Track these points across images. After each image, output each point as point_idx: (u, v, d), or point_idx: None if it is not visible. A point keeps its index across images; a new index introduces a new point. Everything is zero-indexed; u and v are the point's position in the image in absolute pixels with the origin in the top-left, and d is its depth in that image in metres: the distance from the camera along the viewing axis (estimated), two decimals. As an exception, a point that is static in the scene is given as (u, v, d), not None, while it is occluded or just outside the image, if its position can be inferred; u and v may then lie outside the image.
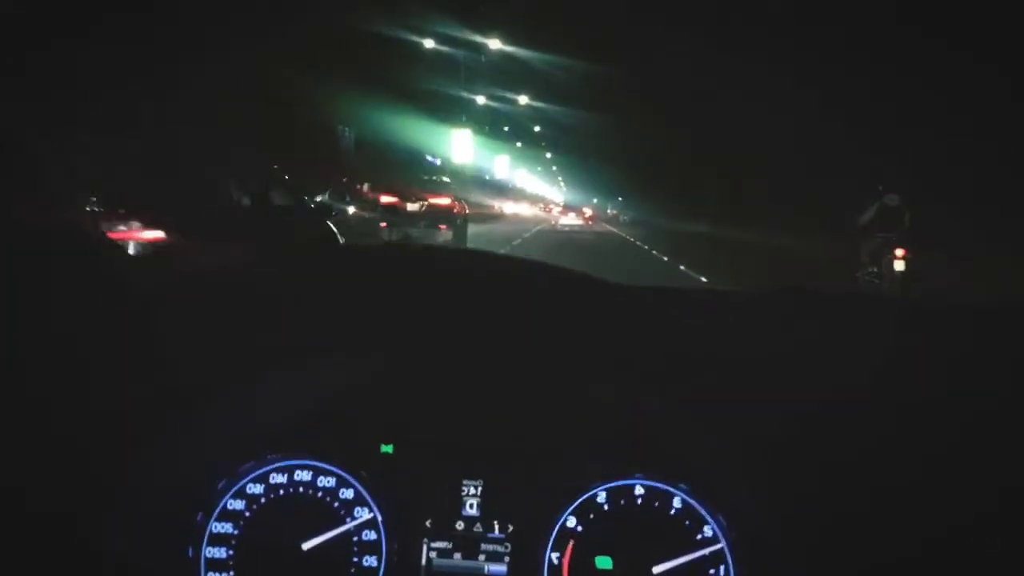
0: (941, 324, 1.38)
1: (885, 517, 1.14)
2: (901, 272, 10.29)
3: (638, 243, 27.42)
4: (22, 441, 1.09)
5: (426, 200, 18.14)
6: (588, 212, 44.82)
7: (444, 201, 18.92)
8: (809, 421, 1.16)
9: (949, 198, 14.01)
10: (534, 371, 1.24)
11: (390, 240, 12.39)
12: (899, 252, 10.33)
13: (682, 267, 15.71)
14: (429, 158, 35.81)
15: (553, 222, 39.41)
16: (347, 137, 27.57)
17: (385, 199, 16.58)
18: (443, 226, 17.38)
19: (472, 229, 20.08)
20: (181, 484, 1.22)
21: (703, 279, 13.85)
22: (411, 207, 17.40)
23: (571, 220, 38.64)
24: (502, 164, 65.04)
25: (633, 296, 1.31)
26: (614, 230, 38.65)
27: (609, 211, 67.16)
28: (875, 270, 10.77)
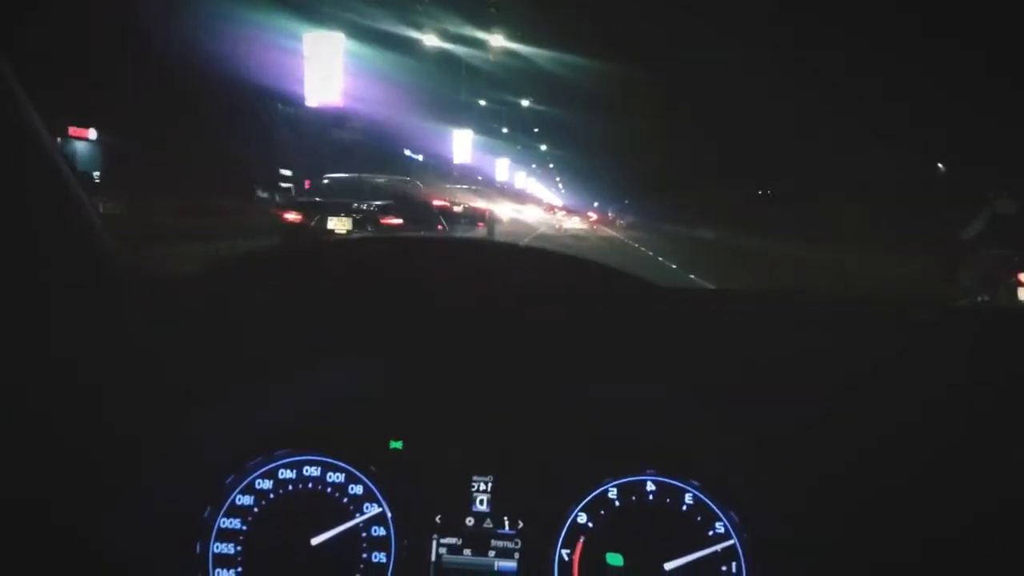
0: (950, 329, 1.37)
1: (896, 514, 1.13)
2: (1028, 301, 7.45)
3: (650, 252, 24.69)
4: (29, 438, 1.09)
5: (466, 204, 23.58)
6: (593, 216, 44.00)
7: (481, 205, 25.62)
8: (820, 419, 1.16)
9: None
10: (544, 367, 1.23)
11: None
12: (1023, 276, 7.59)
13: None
14: (408, 152, 36.30)
15: (557, 226, 38.97)
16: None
17: (437, 202, 17.86)
18: (480, 224, 22.49)
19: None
20: (189, 480, 1.21)
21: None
22: (456, 209, 21.23)
23: (575, 224, 38.19)
24: (502, 167, 65.15)
25: (646, 293, 1.31)
26: (620, 236, 38.11)
27: (610, 214, 67.14)
28: (986, 298, 7.92)
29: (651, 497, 1.23)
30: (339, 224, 12.68)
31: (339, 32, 26.23)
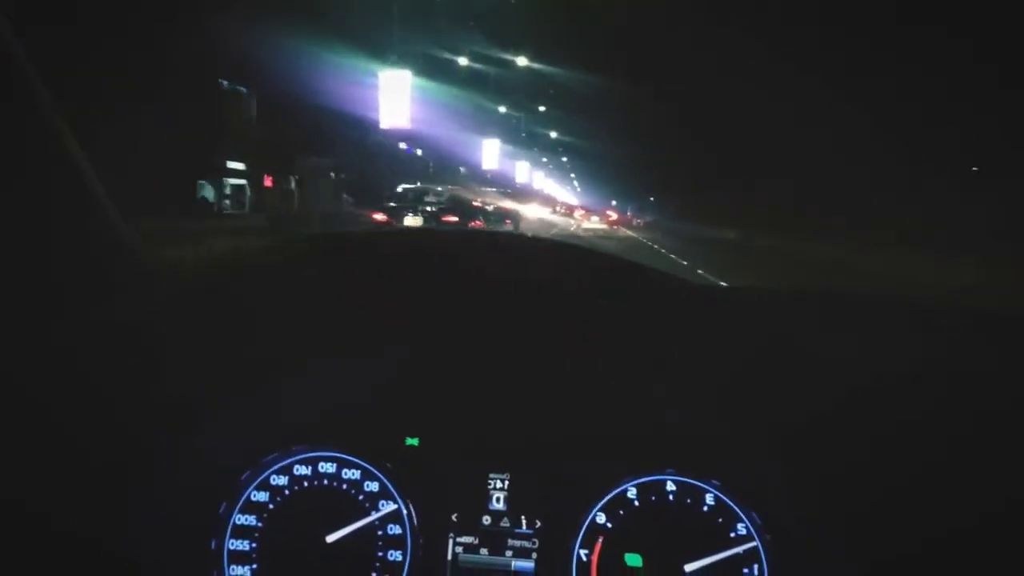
0: (966, 327, 1.35)
1: (919, 514, 1.11)
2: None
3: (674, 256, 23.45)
4: (44, 435, 1.09)
5: (496, 204, 29.15)
6: (613, 216, 43.67)
7: (508, 205, 31.50)
8: (841, 419, 1.13)
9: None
10: (562, 364, 1.21)
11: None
12: None
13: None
14: (403, 145, 38.80)
15: (574, 226, 38.78)
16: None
17: (475, 203, 22.54)
18: (508, 221, 26.71)
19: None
20: (205, 476, 1.20)
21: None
22: (488, 208, 26.48)
23: (594, 224, 37.96)
24: (523, 170, 65.71)
25: (664, 289, 1.29)
26: (641, 237, 37.65)
27: (628, 213, 66.87)
28: None
29: (671, 497, 1.21)
30: (413, 221, 17.12)
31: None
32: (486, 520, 1.22)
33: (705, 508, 1.20)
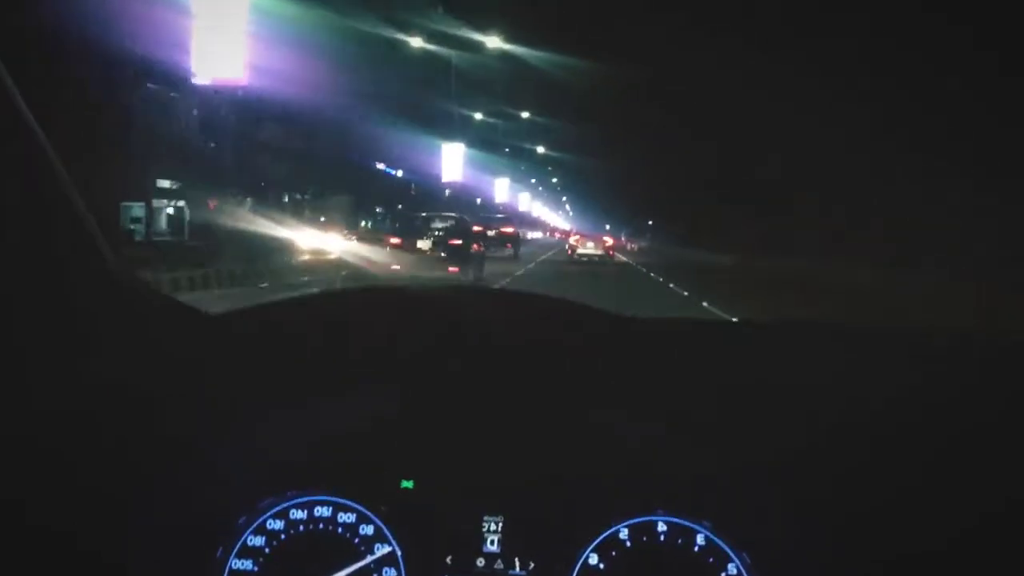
0: (964, 360, 1.36)
1: (914, 552, 1.12)
2: None
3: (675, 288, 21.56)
4: (32, 478, 1.09)
5: (498, 229, 33.33)
6: (608, 240, 43.41)
7: (509, 229, 35.92)
8: (834, 457, 1.14)
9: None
10: (554, 407, 1.23)
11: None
12: None
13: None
14: (382, 166, 38.43)
15: (569, 251, 38.78)
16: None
17: (476, 228, 23.23)
18: (508, 245, 30.52)
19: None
20: (202, 520, 1.22)
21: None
22: (490, 233, 28.94)
23: (590, 250, 37.83)
24: (522, 198, 66.19)
25: (651, 329, 1.31)
26: (636, 264, 37.58)
27: (622, 238, 67.08)
28: None
29: (663, 538, 1.22)
30: (424, 244, 19.01)
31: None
32: (480, 562, 1.23)
33: (696, 548, 1.21)
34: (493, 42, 40.13)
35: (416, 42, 35.54)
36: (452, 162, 47.29)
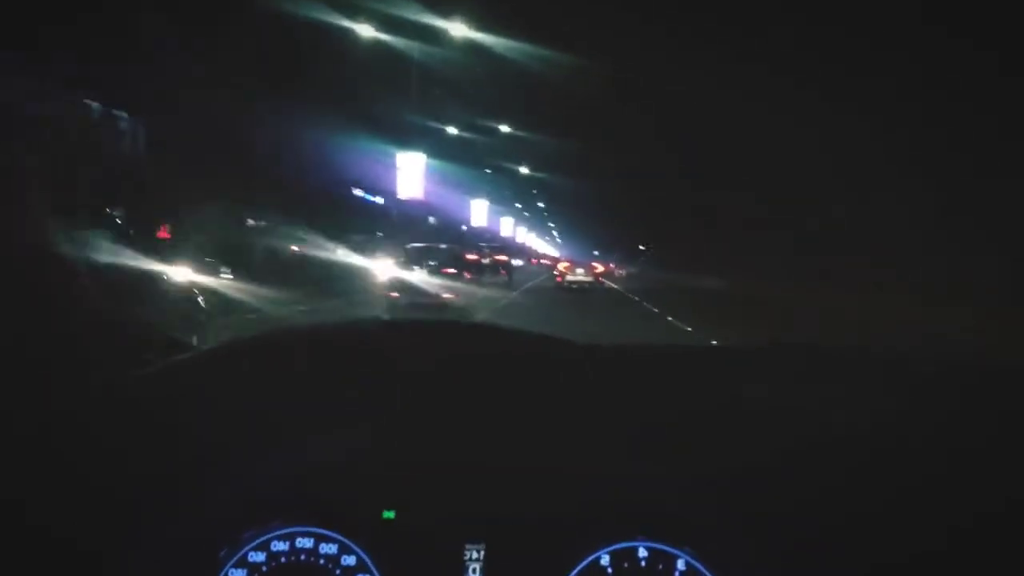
0: (949, 385, 1.37)
1: (893, 573, 1.12)
2: None
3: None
4: (16, 511, 1.09)
5: (492, 257, 36.00)
6: (598, 267, 43.42)
7: (503, 257, 38.83)
8: (814, 481, 1.15)
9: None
10: (534, 435, 1.24)
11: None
12: None
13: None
14: (358, 192, 38.38)
15: (558, 278, 38.87)
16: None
17: (470, 257, 25.58)
18: (503, 271, 32.53)
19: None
20: (185, 554, 1.21)
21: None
22: (484, 261, 31.70)
23: (579, 276, 37.90)
24: (507, 225, 66.70)
25: (631, 357, 1.32)
26: (628, 294, 37.41)
27: (611, 265, 67.35)
28: None
29: (644, 564, 1.22)
30: (419, 273, 20.25)
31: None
32: None
33: (677, 574, 1.21)
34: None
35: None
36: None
